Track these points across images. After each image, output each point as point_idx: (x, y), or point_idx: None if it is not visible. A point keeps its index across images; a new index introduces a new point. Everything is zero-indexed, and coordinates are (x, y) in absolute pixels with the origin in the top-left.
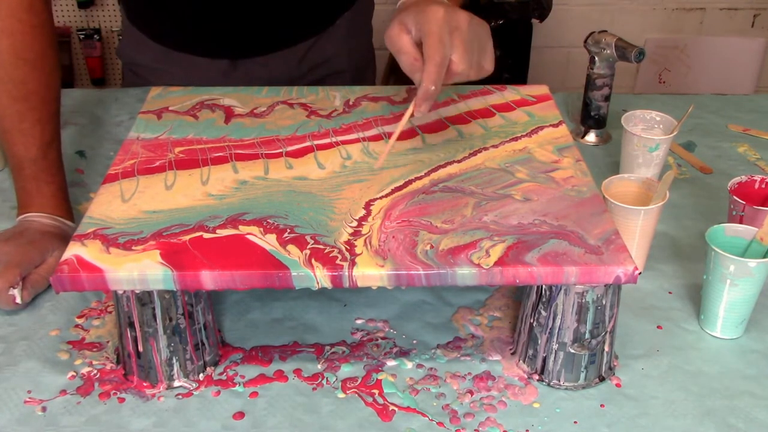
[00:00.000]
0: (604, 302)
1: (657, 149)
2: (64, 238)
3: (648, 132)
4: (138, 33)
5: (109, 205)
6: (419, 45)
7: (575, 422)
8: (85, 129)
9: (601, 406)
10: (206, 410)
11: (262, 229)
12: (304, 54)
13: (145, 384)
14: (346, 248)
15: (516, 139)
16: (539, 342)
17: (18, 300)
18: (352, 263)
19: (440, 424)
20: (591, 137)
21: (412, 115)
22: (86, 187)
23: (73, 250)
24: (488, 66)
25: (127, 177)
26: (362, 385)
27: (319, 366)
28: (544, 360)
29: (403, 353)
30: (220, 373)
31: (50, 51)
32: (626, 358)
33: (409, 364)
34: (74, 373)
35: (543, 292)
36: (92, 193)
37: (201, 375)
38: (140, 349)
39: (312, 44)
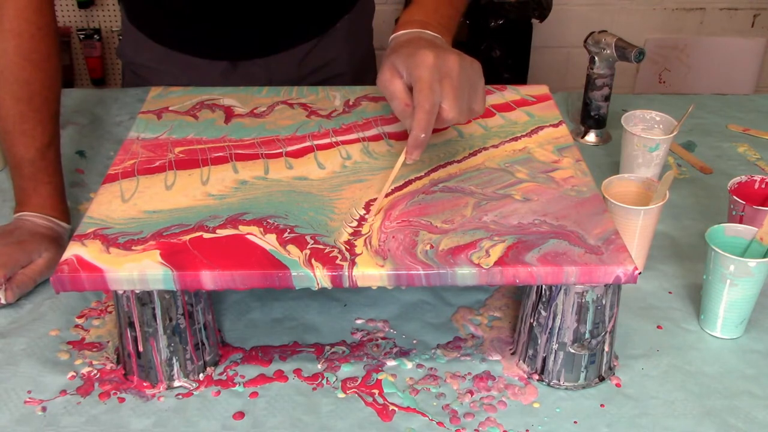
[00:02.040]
0: (604, 302)
1: (657, 149)
2: (55, 240)
3: (648, 132)
4: (138, 33)
5: (109, 205)
6: (411, 88)
7: (575, 422)
8: (85, 129)
9: (601, 406)
10: (206, 410)
11: (262, 229)
12: (304, 56)
13: (145, 384)
14: (346, 248)
15: (516, 139)
16: (539, 342)
17: (2, 300)
18: (352, 263)
19: (440, 424)
20: (591, 137)
21: (403, 163)
22: (86, 187)
23: (73, 250)
24: (479, 108)
25: (127, 177)
26: (362, 385)
27: (319, 366)
28: (544, 360)
29: (403, 353)
30: (220, 373)
31: (54, 53)
32: (626, 358)
33: (409, 364)
34: (74, 373)
35: (543, 292)
36: (92, 193)
37: (201, 375)
38: (140, 349)
39: (312, 47)
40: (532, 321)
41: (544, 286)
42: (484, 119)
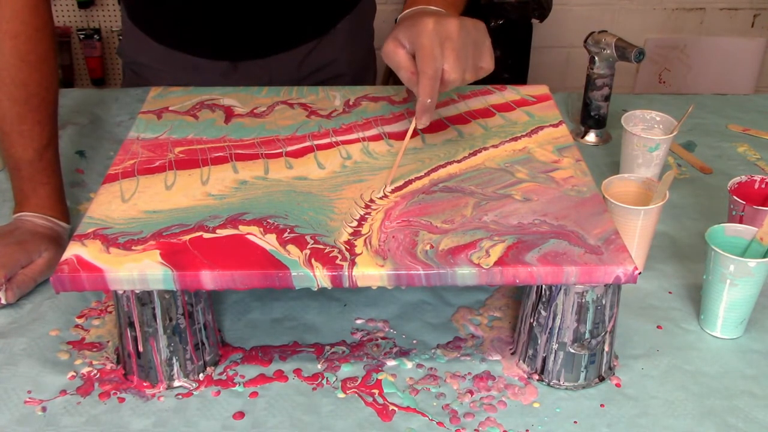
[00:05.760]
0: (604, 302)
1: (657, 149)
2: (55, 240)
3: (648, 132)
4: (139, 32)
5: (109, 205)
6: (415, 58)
7: (575, 422)
8: (85, 129)
9: (601, 406)
10: (206, 410)
11: (262, 229)
12: (304, 57)
13: (145, 384)
14: (346, 248)
15: (516, 139)
16: (539, 342)
17: (2, 300)
18: (352, 263)
19: (440, 424)
20: (591, 137)
21: (415, 129)
22: (86, 187)
23: (73, 250)
24: (487, 65)
25: (127, 177)
26: (362, 385)
27: (319, 366)
28: (544, 360)
29: (403, 353)
30: (220, 373)
31: (51, 54)
32: (626, 358)
33: (409, 364)
34: (74, 373)
35: (543, 292)
36: (92, 193)
37: (201, 375)
38: (140, 349)
39: (313, 47)
40: (532, 321)
41: (544, 286)
42: (484, 119)
